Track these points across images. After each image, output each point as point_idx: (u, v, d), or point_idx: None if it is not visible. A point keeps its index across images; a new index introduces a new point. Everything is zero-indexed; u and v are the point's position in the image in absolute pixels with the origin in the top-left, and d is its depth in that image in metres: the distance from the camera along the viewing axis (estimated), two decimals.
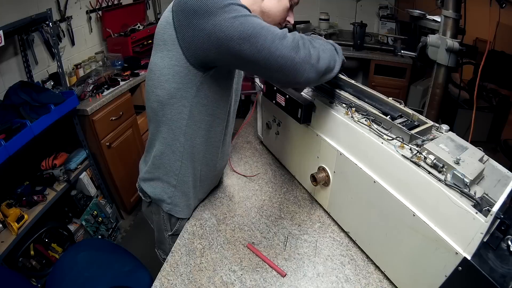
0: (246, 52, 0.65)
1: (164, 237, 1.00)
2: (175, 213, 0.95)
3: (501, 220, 0.55)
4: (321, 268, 0.83)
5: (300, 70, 0.67)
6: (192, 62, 0.72)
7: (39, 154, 1.87)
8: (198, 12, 0.65)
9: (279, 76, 0.69)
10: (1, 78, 1.72)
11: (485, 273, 0.52)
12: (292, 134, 1.07)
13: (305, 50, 0.68)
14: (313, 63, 0.69)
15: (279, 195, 1.08)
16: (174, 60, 0.73)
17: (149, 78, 0.81)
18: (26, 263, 1.62)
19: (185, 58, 0.72)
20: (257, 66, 0.67)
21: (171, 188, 0.90)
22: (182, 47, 0.70)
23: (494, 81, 2.39)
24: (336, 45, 0.81)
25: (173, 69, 0.74)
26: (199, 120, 0.82)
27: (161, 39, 0.73)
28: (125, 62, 2.37)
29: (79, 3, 2.24)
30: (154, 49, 0.78)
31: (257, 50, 0.64)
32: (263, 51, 0.64)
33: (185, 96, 0.77)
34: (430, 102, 1.42)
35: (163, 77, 0.76)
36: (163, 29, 0.73)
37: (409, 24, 2.69)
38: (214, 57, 0.70)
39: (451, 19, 1.25)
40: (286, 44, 0.65)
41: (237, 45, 0.64)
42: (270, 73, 0.69)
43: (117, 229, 2.31)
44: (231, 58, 0.68)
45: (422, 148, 0.66)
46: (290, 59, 0.65)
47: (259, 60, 0.66)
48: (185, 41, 0.69)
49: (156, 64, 0.76)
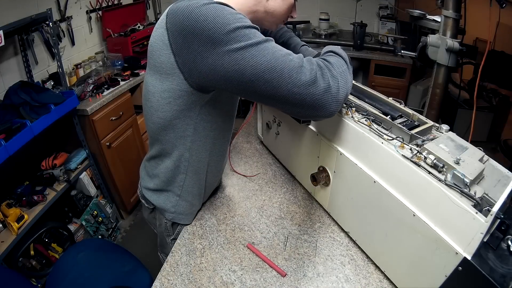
0: (260, 89, 0.59)
1: (166, 242, 1.00)
2: (178, 220, 0.94)
3: (501, 220, 0.55)
4: (321, 268, 0.83)
5: (321, 105, 0.61)
6: (195, 87, 0.67)
7: (39, 154, 1.87)
8: (198, 36, 0.58)
9: (298, 111, 0.63)
10: (1, 78, 1.73)
11: (485, 273, 0.52)
12: (292, 134, 1.07)
13: (324, 83, 0.61)
14: (334, 94, 0.62)
15: (279, 195, 1.08)
16: (175, 84, 0.68)
17: (147, 99, 0.76)
18: (26, 263, 1.62)
19: (187, 83, 0.66)
20: (273, 102, 0.62)
21: (175, 197, 0.89)
22: (183, 71, 0.65)
23: (494, 81, 2.39)
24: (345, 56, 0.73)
25: (174, 93, 0.69)
26: (204, 135, 0.80)
27: (158, 61, 0.67)
28: (125, 62, 2.37)
29: (79, 3, 2.24)
30: (151, 69, 0.72)
31: (272, 87, 0.58)
32: (280, 89, 0.58)
33: (188, 116, 0.74)
34: (430, 102, 1.42)
35: (163, 100, 0.71)
36: (159, 50, 0.66)
37: (409, 24, 2.68)
38: (222, 87, 0.65)
39: (451, 19, 1.25)
40: (304, 78, 0.59)
41: (249, 82, 0.58)
42: (288, 108, 0.63)
43: (117, 229, 2.31)
44: (242, 92, 0.62)
45: (422, 148, 0.66)
46: (310, 95, 0.59)
47: (275, 97, 0.60)
48: (186, 66, 0.64)
49: (155, 86, 0.71)
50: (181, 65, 0.64)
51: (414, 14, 1.40)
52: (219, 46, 0.57)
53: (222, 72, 0.59)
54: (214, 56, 0.58)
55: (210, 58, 0.58)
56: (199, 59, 0.60)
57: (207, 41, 0.57)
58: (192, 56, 0.61)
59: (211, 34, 0.56)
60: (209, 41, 0.57)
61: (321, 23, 3.07)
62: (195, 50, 0.59)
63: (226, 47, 0.57)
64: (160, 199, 0.91)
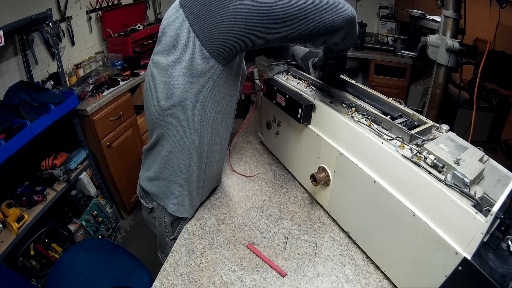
0: (279, 10, 0.62)
1: (166, 242, 1.00)
2: (180, 213, 0.94)
3: (501, 220, 0.55)
4: (321, 268, 0.83)
5: (337, 4, 0.65)
6: (213, 52, 0.70)
7: (39, 154, 1.87)
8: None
9: (319, 19, 0.64)
10: (1, 78, 1.73)
11: (485, 273, 0.52)
12: (292, 134, 1.07)
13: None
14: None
15: (279, 195, 1.08)
16: (191, 53, 0.71)
17: (156, 75, 0.77)
18: (26, 263, 1.62)
19: (205, 49, 0.70)
20: (294, 19, 0.64)
21: (178, 187, 0.89)
22: (202, 38, 0.68)
23: (494, 81, 2.39)
24: None
25: (190, 62, 0.72)
26: (210, 117, 0.81)
27: (173, 35, 0.71)
28: (125, 62, 2.37)
29: (79, 3, 2.24)
30: (162, 47, 0.75)
31: (290, 4, 0.62)
32: (298, 1, 0.62)
33: (200, 91, 0.75)
34: (430, 102, 1.43)
35: (177, 72, 0.73)
36: (173, 25, 0.71)
37: (409, 24, 2.69)
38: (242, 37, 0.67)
39: (451, 19, 1.25)
40: None
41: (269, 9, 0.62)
42: (309, 19, 0.65)
43: (117, 229, 2.31)
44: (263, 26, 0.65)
45: (422, 148, 0.66)
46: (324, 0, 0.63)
47: (294, 12, 0.63)
48: (204, 32, 0.68)
49: (169, 60, 0.74)
50: (198, 33, 0.68)
51: (414, 14, 1.40)
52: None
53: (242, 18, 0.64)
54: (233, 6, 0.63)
55: (230, 11, 0.64)
56: (218, 17, 0.65)
57: None
58: (210, 19, 0.66)
59: None
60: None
61: None
62: (212, 11, 0.65)
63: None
64: (163, 189, 0.90)
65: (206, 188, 1.01)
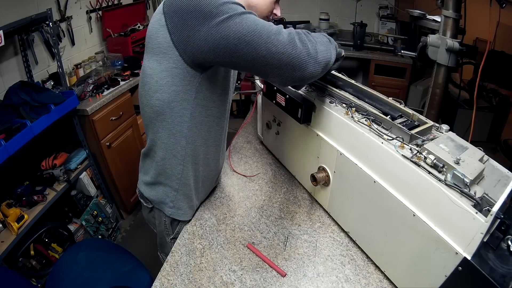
0: (243, 51, 0.64)
1: (166, 241, 1.00)
2: (177, 216, 0.94)
3: (501, 220, 0.55)
4: (321, 268, 0.83)
5: (299, 65, 0.66)
6: (189, 63, 0.71)
7: (39, 154, 1.87)
8: (193, 13, 0.64)
9: (279, 73, 0.67)
10: (1, 78, 1.72)
11: (485, 273, 0.52)
12: (292, 134, 1.07)
13: (302, 44, 0.66)
14: (312, 55, 0.67)
15: (279, 195, 1.08)
16: (171, 62, 0.72)
17: (145, 83, 0.78)
18: (26, 263, 1.62)
19: (182, 59, 0.71)
20: (255, 65, 0.66)
21: (173, 192, 0.90)
22: (179, 48, 0.70)
23: (494, 81, 2.39)
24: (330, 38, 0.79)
25: (171, 71, 0.73)
26: (199, 122, 0.82)
27: (155, 43, 0.72)
28: (125, 62, 2.37)
29: (79, 3, 2.24)
30: (148, 53, 0.76)
31: (253, 48, 0.63)
32: (259, 48, 0.63)
33: (185, 99, 0.76)
34: (430, 102, 1.42)
35: (162, 80, 0.74)
36: (156, 32, 0.71)
37: (409, 24, 2.69)
38: (212, 59, 0.69)
39: (451, 19, 1.25)
40: (282, 39, 0.64)
41: (233, 46, 0.64)
42: (269, 70, 0.67)
43: (117, 229, 2.31)
44: (229, 59, 0.67)
45: (422, 148, 0.66)
46: (287, 54, 0.64)
47: (256, 59, 0.65)
48: (180, 42, 0.69)
49: (153, 68, 0.75)
50: (176, 43, 0.69)
51: (414, 14, 1.40)
52: (210, 19, 0.63)
53: (211, 43, 0.65)
54: (205, 28, 0.64)
55: (202, 31, 0.65)
56: (193, 33, 0.66)
57: (200, 16, 0.64)
58: (186, 32, 0.67)
59: (204, 9, 0.63)
60: (202, 15, 0.64)
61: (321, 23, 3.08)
62: (189, 25, 0.66)
63: (215, 19, 0.63)
64: (158, 194, 0.91)
65: (206, 188, 1.01)
